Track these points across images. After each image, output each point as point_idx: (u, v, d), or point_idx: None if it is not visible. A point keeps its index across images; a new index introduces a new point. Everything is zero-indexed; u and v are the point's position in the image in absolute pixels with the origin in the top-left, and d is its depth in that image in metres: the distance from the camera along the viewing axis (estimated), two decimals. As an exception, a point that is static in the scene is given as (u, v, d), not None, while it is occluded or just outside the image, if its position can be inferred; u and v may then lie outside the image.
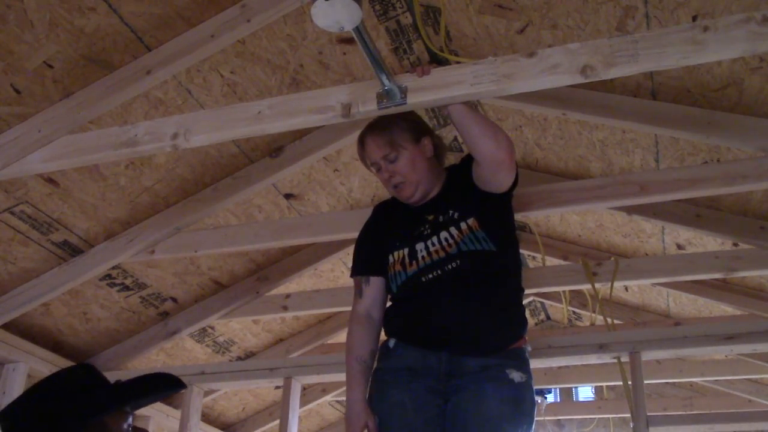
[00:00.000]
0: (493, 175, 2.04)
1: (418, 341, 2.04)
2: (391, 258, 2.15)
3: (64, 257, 3.13)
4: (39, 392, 1.52)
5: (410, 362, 2.03)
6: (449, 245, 2.06)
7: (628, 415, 3.27)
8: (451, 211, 2.12)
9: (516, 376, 1.97)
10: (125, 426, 1.52)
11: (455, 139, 3.41)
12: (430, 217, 2.14)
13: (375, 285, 2.20)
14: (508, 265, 2.12)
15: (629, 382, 2.97)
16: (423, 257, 2.07)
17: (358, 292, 2.22)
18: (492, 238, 2.06)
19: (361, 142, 2.20)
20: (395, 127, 2.14)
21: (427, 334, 2.03)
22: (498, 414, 1.93)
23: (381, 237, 2.23)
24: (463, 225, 2.08)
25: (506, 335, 2.04)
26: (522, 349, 2.06)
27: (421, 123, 2.26)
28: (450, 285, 2.02)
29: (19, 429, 1.46)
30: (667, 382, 5.61)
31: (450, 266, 2.03)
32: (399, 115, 2.11)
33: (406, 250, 2.11)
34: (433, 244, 2.08)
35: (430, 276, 2.04)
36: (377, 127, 2.17)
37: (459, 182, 2.18)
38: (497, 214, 2.15)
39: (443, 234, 2.08)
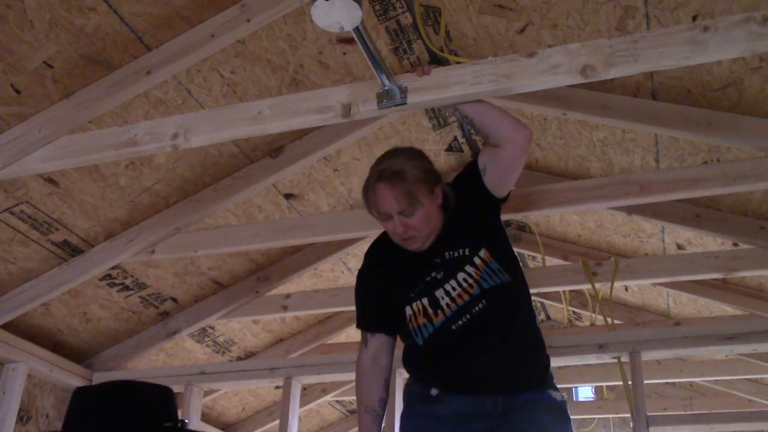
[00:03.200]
0: (519, 155, 1.99)
1: (469, 390, 1.96)
2: (409, 310, 2.02)
3: (64, 257, 3.13)
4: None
5: (461, 409, 1.95)
6: (470, 285, 1.97)
7: (628, 415, 3.27)
8: (461, 249, 2.02)
9: (557, 395, 2.00)
10: None
11: (455, 139, 3.41)
12: (438, 260, 2.03)
13: (381, 337, 2.13)
14: (522, 289, 2.08)
15: (629, 382, 2.97)
16: (447, 305, 1.97)
17: (364, 341, 2.16)
18: (505, 267, 2.02)
19: (374, 189, 2.01)
20: (412, 177, 1.98)
21: (477, 382, 1.96)
22: None
23: (386, 288, 2.10)
24: (477, 260, 2.00)
25: (544, 361, 2.05)
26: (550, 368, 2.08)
27: (434, 170, 2.09)
28: (482, 327, 1.95)
29: None
30: (667, 382, 5.61)
31: (477, 308, 1.96)
32: (413, 161, 2.02)
33: (425, 300, 2.00)
34: (454, 288, 1.98)
35: (460, 323, 1.96)
36: (393, 175, 1.98)
37: (458, 211, 2.08)
38: (499, 234, 2.11)
39: (461, 275, 1.99)
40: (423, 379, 2.03)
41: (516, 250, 4.34)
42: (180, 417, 1.59)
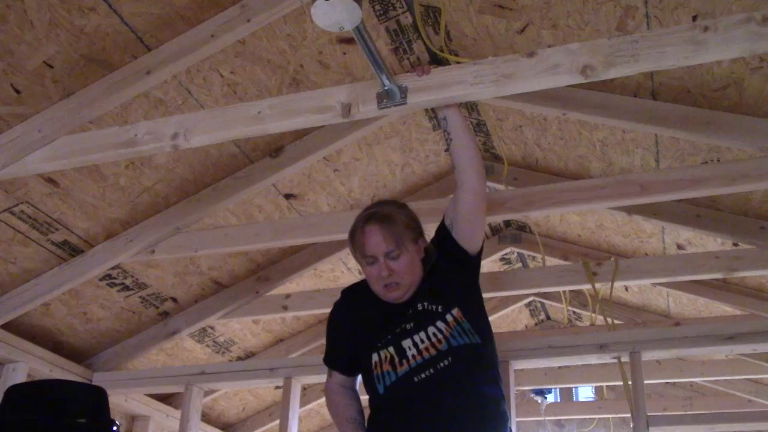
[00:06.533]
0: (478, 205, 2.06)
1: None
2: (375, 357, 2.05)
3: (64, 257, 3.13)
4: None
5: None
6: (438, 341, 1.99)
7: (628, 415, 3.27)
8: (435, 305, 2.05)
9: None
10: None
11: (455, 139, 3.40)
12: (410, 311, 2.06)
13: (339, 375, 2.22)
14: (491, 355, 2.09)
15: (629, 382, 2.97)
16: (413, 356, 1.99)
17: (329, 372, 2.24)
18: (476, 329, 2.04)
19: (363, 231, 2.04)
20: (400, 223, 2.04)
21: None
22: None
23: (357, 332, 2.14)
24: (449, 317, 2.02)
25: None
26: None
27: (419, 223, 2.14)
28: (443, 385, 1.95)
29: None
30: (667, 382, 5.60)
31: (442, 364, 1.96)
32: (400, 209, 2.08)
33: (391, 349, 2.02)
34: (422, 341, 2.00)
35: (423, 376, 1.96)
36: (382, 218, 2.04)
37: (435, 268, 2.11)
38: (475, 296, 2.14)
39: (431, 329, 2.01)
40: None
41: (516, 250, 4.35)
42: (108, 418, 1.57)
